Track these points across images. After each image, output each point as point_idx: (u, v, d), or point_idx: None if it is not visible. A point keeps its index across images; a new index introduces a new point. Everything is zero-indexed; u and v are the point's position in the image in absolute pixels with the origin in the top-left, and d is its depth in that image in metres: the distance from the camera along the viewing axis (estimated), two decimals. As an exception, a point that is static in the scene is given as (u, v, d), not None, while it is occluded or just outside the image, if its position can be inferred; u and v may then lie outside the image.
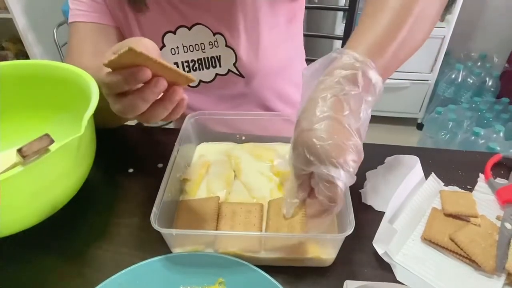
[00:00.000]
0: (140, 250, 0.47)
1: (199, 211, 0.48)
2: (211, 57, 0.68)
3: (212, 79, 0.70)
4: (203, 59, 0.68)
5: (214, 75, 0.69)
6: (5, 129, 0.59)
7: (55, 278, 0.45)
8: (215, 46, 0.67)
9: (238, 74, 0.68)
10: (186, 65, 0.68)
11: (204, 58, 0.68)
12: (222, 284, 0.42)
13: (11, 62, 0.58)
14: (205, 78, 0.70)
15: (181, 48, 0.67)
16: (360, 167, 0.58)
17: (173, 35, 0.66)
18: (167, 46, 0.66)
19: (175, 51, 0.67)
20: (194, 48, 0.67)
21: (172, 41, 0.66)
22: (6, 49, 2.07)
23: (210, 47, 0.67)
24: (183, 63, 0.68)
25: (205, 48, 0.67)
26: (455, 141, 1.62)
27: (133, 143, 0.67)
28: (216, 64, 0.68)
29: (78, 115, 0.45)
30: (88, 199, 0.55)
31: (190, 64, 0.68)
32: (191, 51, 0.67)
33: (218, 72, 0.69)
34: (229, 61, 0.68)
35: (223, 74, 0.69)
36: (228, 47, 0.66)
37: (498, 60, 1.98)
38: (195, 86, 0.70)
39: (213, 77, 0.70)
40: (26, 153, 0.38)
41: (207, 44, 0.66)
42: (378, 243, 0.45)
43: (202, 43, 0.66)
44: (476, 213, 0.49)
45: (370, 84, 0.37)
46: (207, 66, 0.68)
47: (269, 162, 0.58)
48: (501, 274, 0.44)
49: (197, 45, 0.66)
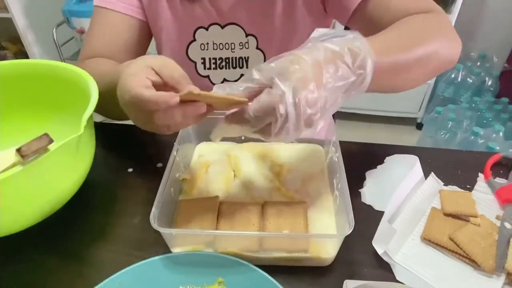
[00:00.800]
0: (140, 250, 0.47)
1: (199, 211, 0.48)
2: (239, 57, 0.68)
3: (236, 79, 0.69)
4: (231, 58, 0.68)
5: (239, 75, 0.70)
6: (5, 128, 0.59)
7: (55, 278, 0.45)
8: (245, 47, 0.67)
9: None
10: (213, 62, 0.68)
11: (232, 57, 0.68)
12: (222, 284, 0.42)
13: (11, 62, 0.58)
14: (230, 78, 0.70)
15: (211, 45, 0.67)
16: (360, 167, 0.58)
17: (205, 31, 0.66)
18: (198, 40, 0.67)
19: (204, 47, 0.67)
20: (224, 46, 0.67)
21: (203, 36, 0.66)
22: (5, 49, 2.07)
23: (240, 47, 0.67)
24: (210, 59, 0.68)
25: (235, 48, 0.67)
26: (455, 141, 1.62)
27: (133, 143, 0.67)
28: (243, 65, 0.68)
29: (77, 114, 0.45)
30: (88, 199, 0.55)
31: (218, 61, 0.68)
32: (220, 49, 0.67)
33: (243, 73, 0.69)
34: (257, 63, 0.67)
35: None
36: (259, 49, 0.67)
37: (498, 60, 1.98)
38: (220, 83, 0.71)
39: (238, 77, 0.70)
40: (25, 153, 0.38)
41: (237, 44, 0.67)
42: (378, 243, 0.45)
43: (232, 43, 0.67)
44: (475, 212, 0.49)
45: (362, 73, 0.37)
46: (234, 66, 0.69)
47: (269, 162, 0.58)
48: (500, 274, 0.44)
49: (227, 44, 0.67)
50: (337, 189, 0.48)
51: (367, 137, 1.85)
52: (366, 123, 2.06)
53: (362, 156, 0.61)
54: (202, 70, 0.69)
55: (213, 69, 0.69)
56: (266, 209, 0.48)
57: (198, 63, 0.68)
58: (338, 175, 0.48)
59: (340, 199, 0.47)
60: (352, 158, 0.54)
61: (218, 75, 0.69)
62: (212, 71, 0.69)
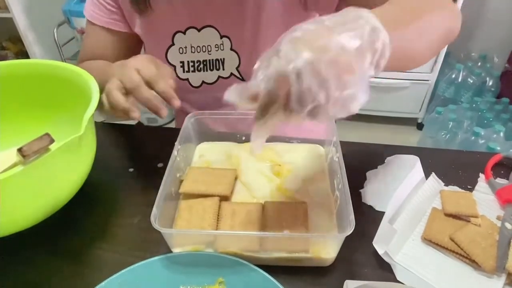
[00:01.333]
0: (140, 250, 0.47)
1: (199, 211, 0.48)
2: (215, 59, 0.69)
3: (214, 81, 0.71)
4: (208, 60, 0.69)
5: (217, 77, 0.70)
6: (5, 128, 0.59)
7: (55, 278, 0.45)
8: (220, 49, 0.68)
9: (240, 78, 0.70)
10: (192, 65, 0.69)
11: (209, 60, 0.69)
12: (222, 284, 0.42)
13: (12, 62, 0.58)
14: (208, 80, 0.71)
15: (189, 48, 0.68)
16: (360, 167, 0.58)
17: (183, 35, 0.67)
18: (176, 44, 0.68)
19: (183, 50, 0.68)
20: (202, 49, 0.68)
21: (181, 40, 0.67)
22: (6, 49, 2.07)
23: (216, 49, 0.68)
24: (189, 62, 0.69)
25: (211, 50, 0.68)
26: (455, 141, 1.62)
27: (133, 143, 0.67)
28: (220, 67, 0.69)
29: (78, 114, 0.45)
30: (88, 199, 0.55)
31: (196, 64, 0.69)
32: (197, 52, 0.68)
33: (221, 75, 0.70)
34: (233, 64, 0.69)
35: (226, 77, 0.70)
36: (233, 50, 0.68)
37: (498, 60, 1.98)
38: (198, 87, 0.71)
39: (215, 79, 0.71)
40: (26, 153, 0.38)
41: (213, 46, 0.68)
42: (378, 243, 0.45)
43: (209, 45, 0.68)
44: (476, 213, 0.49)
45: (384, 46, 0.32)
46: (211, 68, 0.70)
47: (269, 162, 0.58)
48: (501, 274, 0.44)
49: (204, 47, 0.68)
50: (338, 189, 0.48)
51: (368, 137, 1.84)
52: (367, 123, 2.06)
53: (363, 156, 0.61)
54: (182, 73, 0.70)
55: (192, 72, 0.70)
56: (267, 209, 0.48)
57: (177, 67, 0.70)
58: (338, 175, 0.48)
59: (340, 199, 0.46)
60: (352, 158, 0.54)
61: (197, 77, 0.70)
62: (191, 73, 0.70)
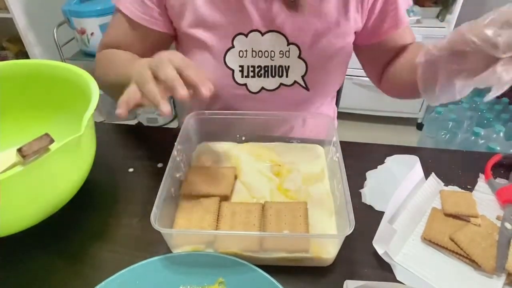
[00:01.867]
0: (140, 250, 0.47)
1: (199, 211, 0.48)
2: (279, 66, 0.66)
3: (275, 88, 0.68)
4: (270, 66, 0.66)
5: (278, 84, 0.67)
6: (5, 129, 0.59)
7: (55, 278, 0.45)
8: (286, 56, 0.65)
9: (304, 87, 0.67)
10: (252, 70, 0.66)
11: (271, 65, 0.66)
12: (222, 284, 0.42)
13: (11, 62, 0.58)
14: (269, 86, 0.67)
15: (250, 52, 0.64)
16: (360, 167, 0.58)
17: (245, 37, 0.63)
18: (236, 47, 0.64)
19: (243, 54, 0.64)
20: (264, 54, 0.65)
21: (242, 43, 0.64)
22: (6, 49, 2.07)
23: (280, 55, 0.65)
24: (248, 67, 0.65)
25: (274, 56, 0.65)
26: (455, 141, 1.62)
27: (133, 143, 0.67)
28: (283, 73, 0.66)
29: (78, 115, 0.45)
30: (88, 199, 0.55)
31: (256, 69, 0.66)
32: (259, 57, 0.65)
33: (283, 82, 0.67)
34: (298, 72, 0.66)
35: (288, 84, 0.67)
36: (301, 58, 0.65)
37: (498, 60, 1.98)
38: (256, 93, 0.68)
39: (277, 86, 0.67)
40: (26, 153, 0.38)
41: (277, 52, 0.64)
42: (378, 243, 0.45)
43: (272, 51, 0.64)
44: (476, 213, 0.49)
45: None
46: (273, 75, 0.66)
47: (269, 162, 0.58)
48: (501, 274, 0.44)
49: (266, 52, 0.64)
50: (338, 189, 0.48)
51: (368, 137, 1.84)
52: (367, 123, 2.06)
53: (363, 156, 0.61)
54: (240, 78, 0.66)
55: (251, 77, 0.66)
56: (267, 209, 0.48)
57: (236, 71, 0.65)
58: (338, 175, 0.48)
59: (340, 199, 0.46)
60: (352, 158, 0.54)
61: (256, 83, 0.67)
62: (250, 79, 0.66)
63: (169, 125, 2.08)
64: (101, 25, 1.66)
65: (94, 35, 1.67)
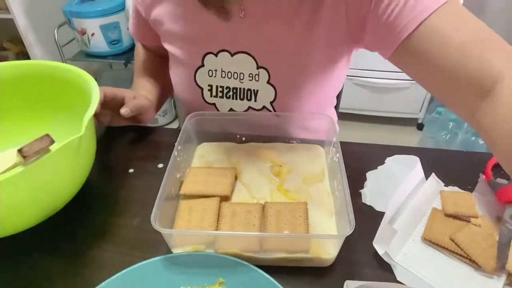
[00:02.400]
0: (140, 250, 0.47)
1: (199, 211, 0.48)
2: (247, 89, 0.64)
3: (244, 110, 0.66)
4: (239, 89, 0.64)
5: (247, 107, 0.66)
6: (5, 129, 0.59)
7: (55, 278, 0.45)
8: (255, 79, 0.62)
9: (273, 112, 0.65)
10: (220, 90, 0.65)
11: (240, 88, 0.64)
12: (222, 284, 0.42)
13: (12, 63, 0.58)
14: (237, 108, 0.66)
15: (219, 72, 0.63)
16: (360, 167, 0.58)
17: (214, 57, 0.62)
18: (206, 66, 0.63)
19: (212, 73, 0.64)
20: (233, 75, 0.63)
21: (212, 63, 0.63)
22: (7, 50, 2.07)
23: (249, 79, 0.63)
24: (217, 87, 0.64)
25: (243, 78, 0.63)
26: (456, 141, 1.62)
27: (133, 143, 0.67)
28: (251, 97, 0.64)
29: (78, 115, 0.45)
30: (88, 199, 0.55)
31: (225, 90, 0.65)
32: (228, 78, 0.63)
33: (252, 106, 0.66)
34: (267, 98, 0.64)
35: (257, 109, 0.65)
36: (270, 84, 0.62)
37: (499, 60, 1.98)
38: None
39: (245, 108, 0.66)
40: (27, 154, 0.38)
41: (247, 75, 0.63)
42: (378, 243, 0.45)
43: (241, 73, 0.63)
44: (476, 213, 0.49)
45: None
46: (241, 98, 0.65)
47: (269, 162, 0.58)
48: (501, 275, 0.44)
49: (235, 73, 0.63)
50: (338, 189, 0.48)
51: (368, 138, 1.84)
52: (367, 123, 2.06)
53: (363, 157, 0.61)
54: (209, 97, 0.66)
55: (220, 98, 0.65)
56: (267, 209, 0.48)
57: (205, 90, 0.65)
58: (338, 175, 0.48)
59: (340, 199, 0.46)
60: (352, 158, 0.54)
61: (225, 104, 0.66)
62: (218, 99, 0.66)
63: (169, 125, 2.08)
64: (102, 25, 1.66)
65: (94, 35, 1.68)
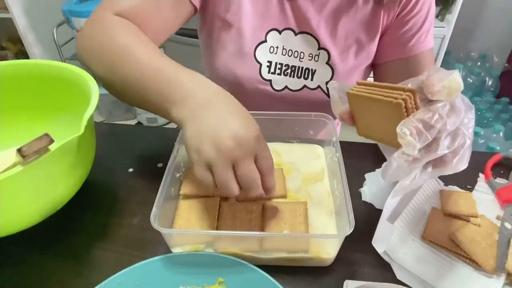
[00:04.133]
0: (140, 250, 0.47)
1: (199, 211, 0.48)
2: (306, 68, 0.66)
3: (299, 89, 0.68)
4: (297, 67, 0.66)
5: (302, 86, 0.68)
6: (5, 129, 0.59)
7: (55, 278, 0.45)
8: (314, 59, 0.66)
9: (326, 93, 0.68)
10: (279, 67, 0.66)
11: (298, 66, 0.66)
12: (222, 284, 0.42)
13: (11, 62, 0.58)
14: (292, 86, 0.68)
15: (280, 49, 0.65)
16: (360, 167, 0.58)
17: (278, 34, 0.64)
18: (269, 42, 0.65)
19: (273, 50, 0.65)
20: (293, 54, 0.65)
21: (275, 39, 0.65)
22: (6, 49, 2.07)
23: (309, 58, 0.66)
24: (276, 64, 0.66)
25: (303, 57, 0.66)
26: (455, 141, 1.62)
27: (133, 143, 0.67)
28: (308, 76, 0.67)
29: (78, 115, 0.45)
30: (88, 199, 0.55)
31: (283, 68, 0.66)
32: (288, 56, 0.66)
33: (307, 85, 0.68)
34: (323, 78, 0.67)
35: (312, 88, 0.68)
36: (329, 65, 0.65)
37: (498, 59, 1.98)
38: (280, 91, 0.68)
39: (300, 87, 0.68)
40: (26, 153, 0.38)
41: (307, 55, 0.65)
42: (377, 242, 0.45)
43: (302, 52, 0.65)
44: (476, 213, 0.49)
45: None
46: (298, 76, 0.67)
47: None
48: (501, 274, 0.44)
49: (296, 52, 0.65)
50: (337, 189, 0.48)
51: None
52: (367, 123, 2.06)
53: (363, 156, 0.61)
54: (266, 73, 0.66)
55: (277, 74, 0.67)
56: (266, 209, 0.48)
57: (263, 66, 0.66)
58: (338, 175, 0.48)
59: (340, 199, 0.47)
60: (352, 158, 0.54)
61: (281, 81, 0.68)
62: (276, 76, 0.67)
63: (169, 125, 2.08)
64: (101, 25, 1.65)
65: (94, 35, 1.67)
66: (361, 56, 0.66)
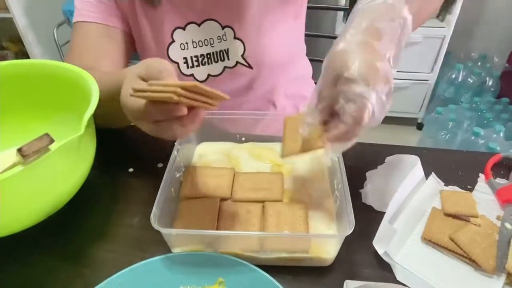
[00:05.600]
0: (140, 250, 0.47)
1: (199, 211, 0.48)
2: (219, 50, 0.69)
3: (220, 72, 0.71)
4: (211, 53, 0.69)
5: (222, 68, 0.70)
6: (5, 129, 0.59)
7: (55, 278, 0.45)
8: (223, 40, 0.68)
9: (247, 65, 0.70)
10: (195, 60, 0.69)
11: (212, 52, 0.69)
12: (222, 284, 0.42)
13: (11, 62, 0.58)
14: (214, 72, 0.71)
15: (190, 44, 0.68)
16: (360, 167, 0.58)
17: (183, 31, 0.67)
18: (177, 41, 0.67)
19: (184, 47, 0.68)
20: (203, 43, 0.68)
21: (181, 36, 0.67)
22: (6, 49, 2.07)
23: (218, 41, 0.68)
24: (191, 58, 0.69)
25: (214, 42, 0.68)
26: (455, 141, 1.62)
27: (133, 143, 0.67)
28: (224, 57, 0.69)
29: (78, 114, 0.45)
30: (88, 199, 0.55)
31: (199, 58, 0.69)
32: (200, 46, 0.68)
33: (226, 65, 0.70)
34: (237, 52, 0.69)
35: (231, 66, 0.70)
36: (237, 39, 0.68)
37: (498, 60, 1.98)
38: (204, 81, 0.71)
39: (221, 70, 0.71)
40: (26, 153, 0.38)
41: (215, 38, 0.68)
42: (378, 243, 0.45)
43: (211, 38, 0.68)
44: (476, 213, 0.49)
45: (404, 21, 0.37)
46: (215, 60, 0.70)
47: (269, 162, 0.58)
48: (501, 274, 0.44)
49: (206, 40, 0.68)
50: (338, 189, 0.48)
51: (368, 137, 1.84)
52: (367, 123, 2.06)
53: (363, 156, 0.61)
54: (186, 69, 0.70)
55: (196, 67, 0.70)
56: (266, 209, 0.48)
57: (180, 63, 0.69)
58: (338, 175, 0.48)
59: (340, 199, 0.46)
60: (352, 158, 0.54)
61: (202, 72, 0.70)
62: (195, 69, 0.70)
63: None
64: (101, 25, 1.65)
65: (94, 35, 1.67)
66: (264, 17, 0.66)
